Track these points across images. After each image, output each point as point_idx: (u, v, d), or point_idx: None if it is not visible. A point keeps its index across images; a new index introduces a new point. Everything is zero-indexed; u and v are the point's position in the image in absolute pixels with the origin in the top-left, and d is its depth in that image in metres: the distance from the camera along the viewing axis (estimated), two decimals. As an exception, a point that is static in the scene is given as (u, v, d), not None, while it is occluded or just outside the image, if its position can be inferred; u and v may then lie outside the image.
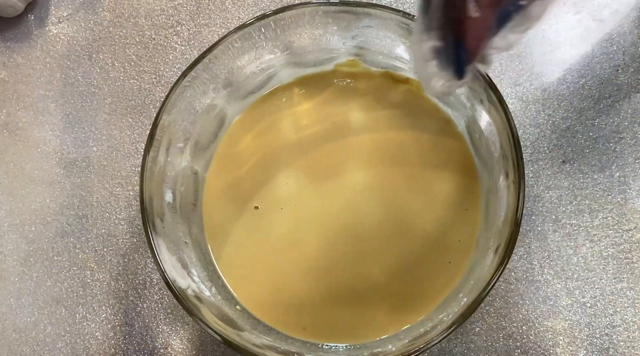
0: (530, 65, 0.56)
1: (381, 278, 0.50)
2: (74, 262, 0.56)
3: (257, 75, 0.53)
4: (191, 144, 0.52)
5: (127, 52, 0.61)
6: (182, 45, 0.60)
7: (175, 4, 0.61)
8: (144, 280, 0.55)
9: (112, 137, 0.59)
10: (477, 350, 0.51)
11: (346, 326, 0.50)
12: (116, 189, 0.57)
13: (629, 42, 0.55)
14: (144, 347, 0.54)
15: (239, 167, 0.53)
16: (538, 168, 0.54)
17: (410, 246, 0.50)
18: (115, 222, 0.57)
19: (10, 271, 0.56)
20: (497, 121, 0.46)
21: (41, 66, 0.61)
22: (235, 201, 0.52)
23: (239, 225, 0.52)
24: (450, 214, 0.50)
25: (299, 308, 0.50)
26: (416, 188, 0.51)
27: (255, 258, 0.51)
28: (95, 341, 0.54)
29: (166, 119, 0.48)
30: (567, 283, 0.51)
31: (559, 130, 0.54)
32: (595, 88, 0.55)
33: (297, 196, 0.52)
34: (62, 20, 0.62)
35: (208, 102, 0.51)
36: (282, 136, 0.53)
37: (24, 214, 0.58)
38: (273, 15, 0.48)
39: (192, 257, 0.50)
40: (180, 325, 0.54)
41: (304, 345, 0.49)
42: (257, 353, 0.44)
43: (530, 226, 0.52)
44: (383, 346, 0.48)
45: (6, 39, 0.62)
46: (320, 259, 0.51)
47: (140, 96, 0.59)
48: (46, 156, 0.59)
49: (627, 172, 0.53)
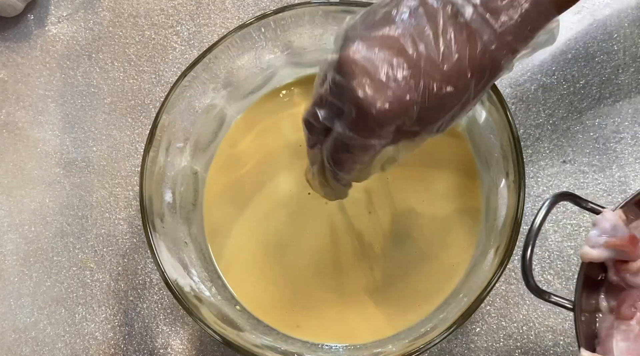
0: (531, 65, 0.56)
1: (381, 277, 0.50)
2: (74, 262, 0.56)
3: (257, 75, 0.53)
4: (191, 144, 0.52)
5: (126, 52, 0.61)
6: (181, 45, 0.60)
7: (175, 4, 0.61)
8: (143, 280, 0.55)
9: (111, 137, 0.59)
10: (477, 350, 0.51)
11: (346, 326, 0.50)
12: (116, 189, 0.57)
13: (629, 42, 0.55)
14: (143, 347, 0.53)
15: (239, 168, 0.53)
16: (538, 168, 0.54)
17: (411, 246, 0.50)
18: (115, 222, 0.57)
19: (9, 271, 0.56)
20: (498, 121, 0.46)
21: (41, 66, 0.61)
22: (235, 201, 0.52)
23: (239, 225, 0.52)
24: (451, 214, 0.50)
25: (299, 308, 0.50)
26: (416, 188, 0.51)
27: (255, 258, 0.51)
28: (95, 342, 0.54)
29: (166, 119, 0.48)
30: (568, 283, 0.51)
31: (559, 130, 0.54)
32: (595, 88, 0.55)
33: (297, 196, 0.52)
34: (61, 20, 0.62)
35: (208, 102, 0.51)
36: (282, 136, 0.53)
37: (24, 214, 0.58)
38: (273, 15, 0.48)
39: (192, 257, 0.50)
40: (180, 325, 0.54)
41: (304, 345, 0.49)
42: (257, 353, 0.44)
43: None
44: (383, 346, 0.48)
45: (6, 39, 0.62)
46: (321, 259, 0.51)
47: (140, 96, 0.59)
48: (46, 156, 0.59)
49: (627, 172, 0.53)
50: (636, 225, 0.40)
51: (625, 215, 0.39)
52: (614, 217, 0.38)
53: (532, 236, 0.37)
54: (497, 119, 0.46)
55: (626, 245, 0.37)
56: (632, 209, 0.40)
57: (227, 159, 0.54)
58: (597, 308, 0.40)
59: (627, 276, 0.38)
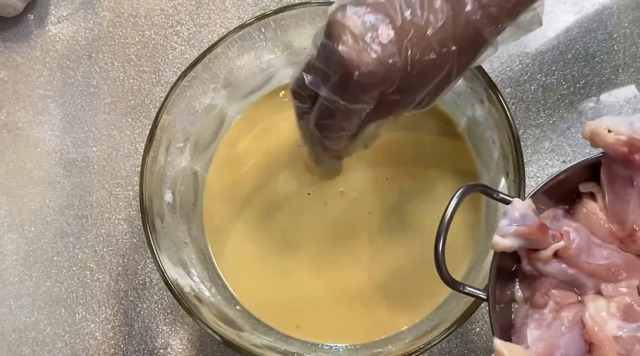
0: (531, 65, 0.56)
1: (381, 278, 0.50)
2: (74, 262, 0.56)
3: (257, 75, 0.53)
4: (191, 144, 0.52)
5: (126, 52, 0.61)
6: (182, 45, 0.60)
7: (175, 4, 0.61)
8: (143, 280, 0.55)
9: (111, 137, 0.59)
10: (477, 350, 0.51)
11: (346, 326, 0.50)
12: (116, 189, 0.57)
13: (629, 42, 0.55)
14: (143, 347, 0.54)
15: (239, 168, 0.53)
16: (538, 168, 0.54)
17: (411, 246, 0.50)
18: (114, 222, 0.57)
19: (10, 272, 0.56)
20: (497, 121, 0.46)
21: (41, 66, 0.61)
22: (235, 201, 0.52)
23: (239, 225, 0.52)
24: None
25: (299, 308, 0.50)
26: (416, 188, 0.51)
27: (255, 258, 0.51)
28: (95, 342, 0.54)
29: (166, 119, 0.48)
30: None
31: (558, 130, 0.54)
32: (595, 88, 0.55)
33: (297, 196, 0.52)
34: (61, 20, 0.62)
35: (208, 102, 0.51)
36: (282, 136, 0.53)
37: (24, 214, 0.58)
38: (273, 15, 0.48)
39: (192, 257, 0.50)
40: (180, 325, 0.54)
41: (304, 345, 0.49)
42: (257, 353, 0.44)
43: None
44: (383, 346, 0.48)
45: (6, 39, 0.62)
46: (321, 259, 0.51)
47: (140, 96, 0.59)
48: (46, 156, 0.59)
49: (627, 172, 0.53)
50: (546, 215, 0.40)
51: (535, 205, 0.39)
52: (523, 206, 0.38)
53: (443, 227, 0.38)
54: (497, 119, 0.46)
55: (535, 233, 0.38)
56: (541, 198, 0.41)
57: (227, 159, 0.54)
58: (512, 298, 0.41)
59: (539, 264, 0.39)
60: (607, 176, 0.40)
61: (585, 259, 0.39)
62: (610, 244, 0.40)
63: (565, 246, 0.38)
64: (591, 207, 0.40)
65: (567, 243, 0.38)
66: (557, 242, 0.38)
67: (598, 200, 0.40)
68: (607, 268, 0.39)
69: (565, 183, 0.41)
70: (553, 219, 0.40)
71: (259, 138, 0.54)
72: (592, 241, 0.39)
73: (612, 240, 0.40)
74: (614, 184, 0.40)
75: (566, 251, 0.38)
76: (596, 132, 0.39)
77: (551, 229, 0.39)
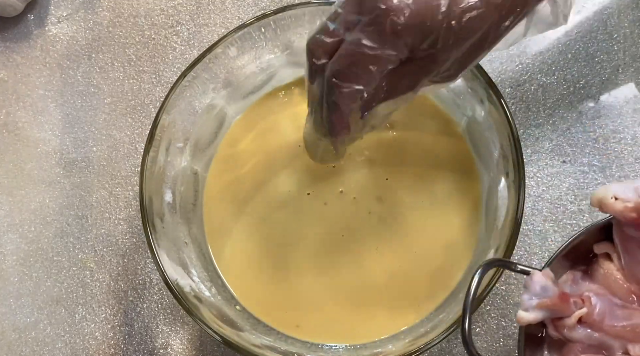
0: (530, 65, 0.56)
1: (381, 278, 0.50)
2: (74, 262, 0.56)
3: (257, 75, 0.53)
4: (191, 144, 0.52)
5: (126, 52, 0.61)
6: (182, 45, 0.60)
7: (175, 4, 0.61)
8: (143, 280, 0.55)
9: (111, 137, 0.59)
10: (477, 350, 0.51)
11: (346, 326, 0.50)
12: (116, 189, 0.57)
13: (629, 42, 0.55)
14: (143, 347, 0.54)
15: (239, 168, 0.53)
16: (538, 168, 0.54)
17: (411, 246, 0.50)
18: (115, 222, 0.57)
19: (10, 271, 0.56)
20: (497, 121, 0.46)
21: (41, 66, 0.61)
22: (235, 201, 0.52)
23: (239, 225, 0.52)
24: (451, 214, 0.50)
25: (299, 307, 0.50)
26: (416, 188, 0.51)
27: (255, 257, 0.51)
28: (94, 342, 0.54)
29: (166, 119, 0.48)
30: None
31: (558, 130, 0.54)
32: (595, 88, 0.55)
33: (297, 196, 0.52)
34: (61, 20, 0.62)
35: (208, 102, 0.51)
36: (282, 136, 0.53)
37: (24, 214, 0.58)
38: (273, 15, 0.48)
39: (192, 257, 0.50)
40: (180, 325, 0.54)
41: (304, 345, 0.49)
42: (257, 353, 0.44)
43: (530, 226, 0.52)
44: (383, 346, 0.48)
45: (6, 39, 0.62)
46: (320, 259, 0.51)
47: (140, 96, 0.59)
48: (46, 156, 0.59)
49: (627, 172, 0.53)
50: (565, 279, 0.41)
51: (554, 271, 0.40)
52: (542, 278, 0.39)
53: (467, 305, 0.37)
54: (497, 119, 0.46)
55: (557, 304, 0.39)
56: (560, 263, 0.41)
57: (227, 159, 0.54)
58: None
59: (564, 331, 0.39)
60: (619, 237, 0.40)
61: (609, 322, 0.39)
62: (631, 304, 0.40)
63: (588, 312, 0.39)
64: (608, 268, 0.41)
65: (590, 309, 0.39)
66: (579, 309, 0.39)
67: (614, 260, 0.41)
68: (631, 329, 0.39)
69: (581, 245, 0.41)
70: (572, 282, 0.41)
71: (259, 138, 0.54)
72: (613, 303, 0.40)
73: (633, 299, 0.40)
74: (627, 244, 0.40)
75: (589, 317, 0.39)
76: (604, 202, 0.39)
77: (572, 296, 0.39)
